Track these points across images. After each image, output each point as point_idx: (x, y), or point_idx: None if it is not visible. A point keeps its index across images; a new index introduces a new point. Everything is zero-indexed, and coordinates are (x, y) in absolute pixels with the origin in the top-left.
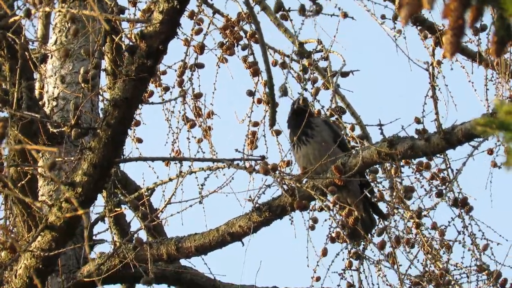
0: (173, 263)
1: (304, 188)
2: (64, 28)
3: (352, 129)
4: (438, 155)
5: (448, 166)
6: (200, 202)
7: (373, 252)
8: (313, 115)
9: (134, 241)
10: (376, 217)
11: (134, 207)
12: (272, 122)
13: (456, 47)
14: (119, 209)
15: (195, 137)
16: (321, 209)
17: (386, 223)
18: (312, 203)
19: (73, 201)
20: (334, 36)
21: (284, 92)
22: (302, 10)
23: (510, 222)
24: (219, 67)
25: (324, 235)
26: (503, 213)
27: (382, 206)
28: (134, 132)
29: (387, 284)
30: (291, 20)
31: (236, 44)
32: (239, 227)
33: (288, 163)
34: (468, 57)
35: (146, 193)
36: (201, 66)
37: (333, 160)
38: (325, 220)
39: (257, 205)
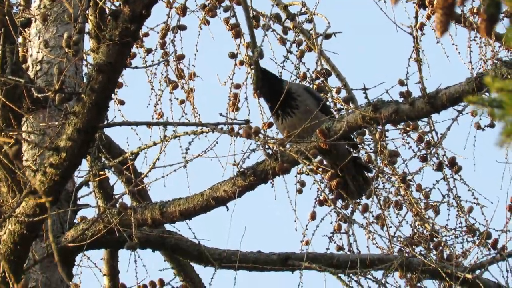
0: (157, 227)
1: (288, 152)
2: None
3: (338, 92)
4: (422, 119)
5: (432, 129)
6: (185, 167)
7: (364, 216)
8: (284, 81)
9: (118, 206)
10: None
11: (118, 172)
12: (257, 85)
13: (446, 26)
14: (103, 174)
15: (177, 99)
16: (302, 172)
17: (371, 186)
18: (300, 166)
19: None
20: None
21: (260, 54)
22: None
23: (493, 184)
24: (201, 29)
25: (310, 199)
26: (488, 175)
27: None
28: (116, 94)
29: (377, 247)
30: None
31: (218, 6)
32: (224, 191)
33: (270, 125)
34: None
35: (131, 157)
36: (183, 28)
37: (317, 125)
38: (313, 183)
39: (241, 169)
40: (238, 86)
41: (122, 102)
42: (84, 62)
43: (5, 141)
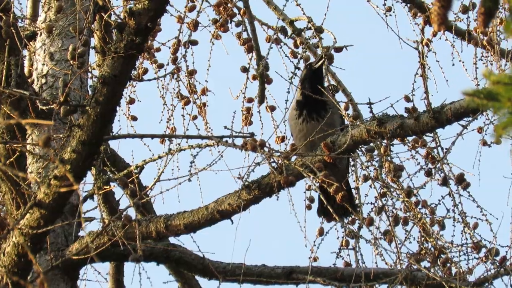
0: (162, 240)
1: (293, 165)
2: (53, 6)
3: (346, 108)
4: (427, 134)
5: (438, 144)
6: (189, 180)
7: (370, 231)
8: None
9: (123, 219)
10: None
11: (123, 185)
12: (262, 99)
13: (443, 18)
14: (108, 187)
15: (190, 114)
16: (309, 188)
17: (379, 202)
18: (309, 182)
19: (69, 175)
20: (325, 14)
21: (265, 67)
22: None
23: (499, 200)
24: (213, 44)
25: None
26: (493, 191)
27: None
28: (128, 110)
29: (385, 263)
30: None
31: (229, 21)
32: (229, 204)
33: (283, 139)
34: (457, 36)
35: (135, 171)
36: (195, 43)
37: (322, 138)
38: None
39: (246, 183)
40: (250, 100)
41: (134, 118)
42: (89, 75)
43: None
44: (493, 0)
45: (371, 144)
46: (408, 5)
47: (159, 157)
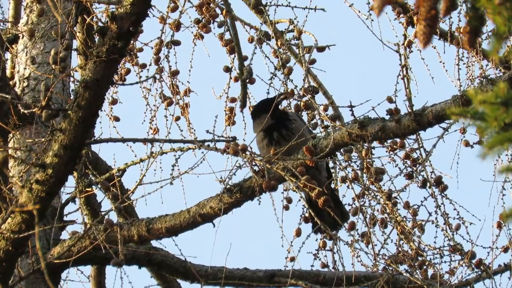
0: (144, 244)
1: (275, 169)
2: (35, 9)
3: (325, 109)
4: (409, 136)
5: (420, 146)
6: (171, 183)
7: (351, 234)
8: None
9: (104, 222)
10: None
11: (105, 188)
12: (244, 103)
13: (429, 37)
14: (90, 190)
15: (172, 115)
16: (288, 189)
17: (357, 203)
18: (287, 184)
19: (31, 197)
20: (306, 16)
21: (249, 73)
22: None
23: (481, 201)
24: (196, 45)
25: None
26: (475, 192)
27: (356, 187)
28: (111, 110)
29: (361, 264)
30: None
31: (212, 21)
32: (210, 208)
33: None
34: (439, 37)
35: (117, 174)
36: (177, 43)
37: (304, 143)
38: (299, 200)
39: (228, 186)
40: (233, 100)
41: (117, 119)
42: (71, 79)
43: None
44: (479, 19)
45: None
46: (392, 5)
47: (141, 160)
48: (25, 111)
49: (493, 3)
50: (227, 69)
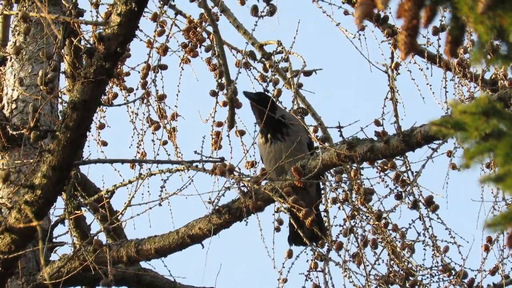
0: (133, 265)
1: (263, 190)
2: (22, 31)
3: (315, 131)
4: (398, 157)
5: (408, 168)
6: (160, 205)
7: (339, 254)
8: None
9: (94, 244)
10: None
11: (94, 209)
12: (231, 123)
13: (410, 47)
14: (79, 212)
15: (160, 139)
16: (278, 211)
17: (348, 224)
18: (278, 205)
19: (28, 211)
20: (294, 38)
21: (234, 92)
22: (254, 10)
23: (469, 223)
24: (183, 69)
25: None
26: (464, 214)
27: (346, 208)
28: (99, 135)
29: (353, 285)
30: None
31: (199, 46)
32: (199, 229)
33: (253, 164)
34: (427, 60)
35: (106, 196)
36: (164, 67)
37: (293, 162)
38: (290, 222)
39: (216, 207)
40: (220, 124)
41: (105, 143)
42: (59, 100)
43: None
44: (460, 28)
45: (340, 167)
46: (381, 26)
47: (130, 182)
48: (14, 133)
49: (475, 12)
50: (214, 93)
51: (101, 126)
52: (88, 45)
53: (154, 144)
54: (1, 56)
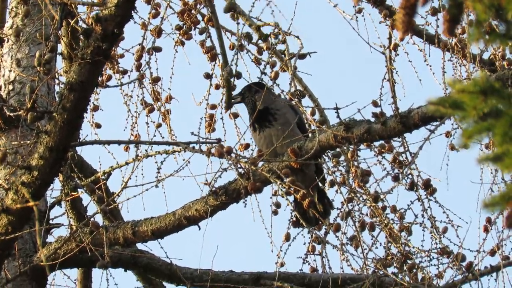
0: (129, 247)
1: (260, 171)
2: (20, 12)
3: (312, 113)
4: (395, 138)
5: (406, 149)
6: (157, 186)
7: (337, 236)
8: (272, 96)
9: (90, 225)
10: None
11: (91, 191)
12: (228, 105)
13: (408, 26)
14: (75, 193)
15: (154, 122)
16: (275, 194)
17: (346, 207)
18: (275, 187)
19: (25, 192)
20: (291, 19)
21: (230, 74)
22: None
23: (468, 204)
24: (177, 51)
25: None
26: (462, 196)
27: (343, 190)
28: (92, 117)
29: (351, 268)
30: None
31: (193, 28)
32: (196, 210)
33: (247, 146)
34: (426, 40)
35: (103, 177)
36: (158, 49)
37: (290, 143)
38: (287, 205)
39: (213, 188)
40: (213, 107)
41: (98, 125)
42: (56, 81)
43: None
44: (458, 7)
45: (338, 150)
46: (378, 7)
47: (127, 163)
48: (11, 114)
49: None
50: (207, 76)
51: (95, 108)
52: (85, 26)
53: (148, 127)
54: None
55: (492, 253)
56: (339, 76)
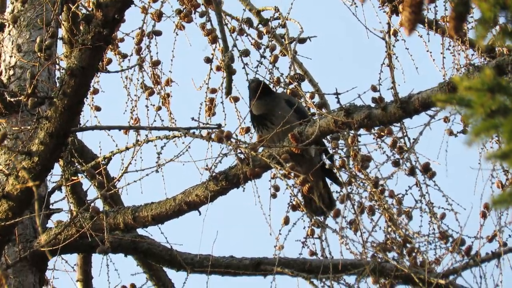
0: (129, 232)
1: (260, 156)
2: None
3: (312, 97)
4: (395, 124)
5: (405, 134)
6: (157, 171)
7: (336, 222)
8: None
9: (90, 210)
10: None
11: (91, 176)
12: (229, 90)
13: (414, 24)
14: (76, 178)
15: (153, 105)
16: (276, 177)
17: (345, 191)
18: (274, 171)
19: (25, 174)
20: (291, 4)
21: (231, 59)
22: None
23: (467, 190)
24: (177, 35)
25: (283, 203)
26: (461, 181)
27: (343, 175)
28: (92, 100)
29: (350, 252)
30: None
31: (193, 11)
32: (196, 196)
33: (248, 130)
34: (424, 25)
35: (103, 162)
36: (158, 33)
37: (291, 129)
38: (286, 188)
39: (214, 174)
40: (214, 91)
41: (98, 108)
42: (57, 67)
43: None
44: (464, 5)
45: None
46: None
47: (127, 149)
48: (11, 99)
49: None
50: (208, 60)
51: (95, 91)
52: (86, 12)
53: (148, 110)
54: None
55: (491, 239)
56: (339, 61)
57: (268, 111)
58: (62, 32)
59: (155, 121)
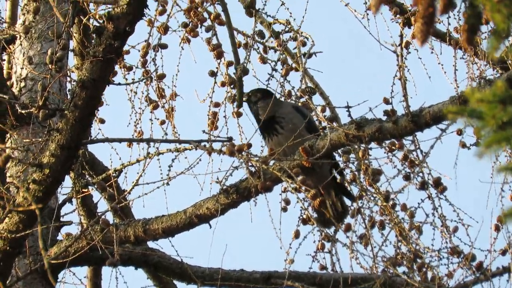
0: (140, 245)
1: (271, 170)
2: (31, 8)
3: (323, 110)
4: (406, 137)
5: (417, 147)
6: (167, 184)
7: (347, 236)
8: (279, 103)
9: (101, 223)
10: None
11: (101, 189)
12: (240, 103)
13: (426, 35)
14: (86, 191)
15: (158, 119)
16: (286, 190)
17: (355, 205)
18: (285, 184)
19: (28, 196)
20: (303, 17)
21: (244, 71)
22: None
23: (479, 204)
24: (183, 49)
25: (293, 217)
26: (472, 195)
27: (353, 188)
28: (97, 112)
29: (360, 266)
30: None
31: (200, 26)
32: (207, 209)
33: (249, 145)
34: (437, 38)
35: (114, 175)
36: (164, 46)
37: (302, 143)
38: (297, 202)
39: (224, 187)
40: (217, 105)
41: (102, 121)
42: (68, 79)
43: None
44: (477, 17)
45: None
46: (389, 5)
47: (138, 161)
48: (23, 111)
49: (492, 1)
50: (212, 73)
51: (100, 103)
52: (97, 24)
53: (152, 124)
54: (10, 35)
55: (503, 252)
56: (350, 74)
57: (277, 115)
58: (73, 44)
59: (166, 134)
